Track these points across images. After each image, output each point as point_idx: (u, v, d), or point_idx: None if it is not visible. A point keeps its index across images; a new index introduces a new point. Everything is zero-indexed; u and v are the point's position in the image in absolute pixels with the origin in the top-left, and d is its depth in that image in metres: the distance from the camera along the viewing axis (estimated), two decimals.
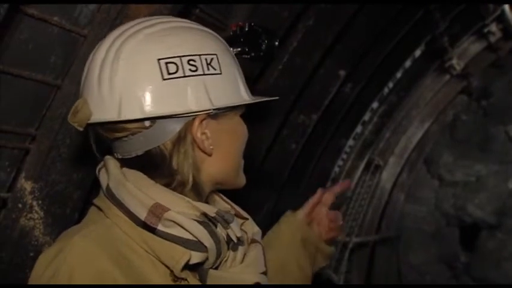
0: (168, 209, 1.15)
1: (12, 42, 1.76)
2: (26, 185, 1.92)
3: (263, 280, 1.27)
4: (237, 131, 1.29)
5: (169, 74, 1.15)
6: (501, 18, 5.02)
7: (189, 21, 1.30)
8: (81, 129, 1.19)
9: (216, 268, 1.21)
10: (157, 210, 1.14)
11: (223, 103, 1.21)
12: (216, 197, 1.37)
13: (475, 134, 6.14)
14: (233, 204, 1.38)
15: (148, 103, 1.14)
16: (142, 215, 1.14)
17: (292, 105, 3.52)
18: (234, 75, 1.26)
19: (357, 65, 3.96)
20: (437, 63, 5.27)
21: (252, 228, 1.37)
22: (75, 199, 2.06)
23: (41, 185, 1.94)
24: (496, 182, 6.00)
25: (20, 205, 1.92)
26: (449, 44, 4.95)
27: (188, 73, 1.16)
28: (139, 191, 1.17)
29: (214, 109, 1.19)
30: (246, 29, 1.83)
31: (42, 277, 1.10)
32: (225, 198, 1.39)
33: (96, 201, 1.25)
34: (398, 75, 4.90)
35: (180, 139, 1.19)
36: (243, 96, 1.27)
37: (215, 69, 1.20)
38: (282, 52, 3.23)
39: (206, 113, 1.19)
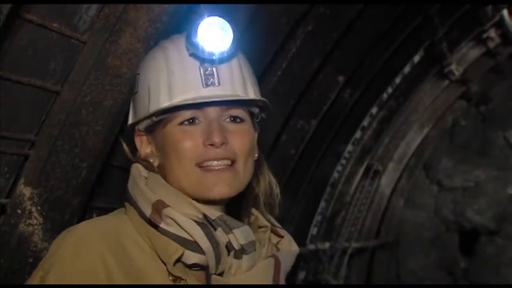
0: (168, 206, 1.20)
1: (11, 48, 1.77)
2: (25, 190, 1.92)
3: None
4: (168, 143, 1.26)
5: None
6: (500, 24, 5.03)
7: (172, 37, 1.35)
8: None
9: (221, 274, 1.22)
10: (158, 206, 1.20)
11: (136, 118, 1.32)
12: (257, 212, 1.36)
13: (474, 140, 6.15)
14: (274, 223, 1.38)
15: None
16: (148, 211, 1.21)
17: (291, 110, 3.53)
18: (149, 91, 1.28)
19: (356, 71, 3.97)
20: (436, 68, 5.28)
21: (289, 246, 1.36)
22: (74, 205, 2.06)
23: (40, 191, 1.94)
24: (495, 188, 6.00)
25: (19, 211, 1.92)
26: (448, 49, 4.96)
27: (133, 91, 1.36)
28: (148, 190, 1.24)
29: (131, 124, 1.33)
30: None
31: (47, 255, 1.20)
32: (267, 215, 1.38)
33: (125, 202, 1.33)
34: (398, 80, 4.90)
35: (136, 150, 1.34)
36: (149, 110, 1.27)
37: (135, 88, 1.33)
38: (281, 58, 3.23)
39: (138, 128, 1.31)
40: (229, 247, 1.21)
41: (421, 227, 6.31)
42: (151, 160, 1.30)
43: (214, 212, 1.22)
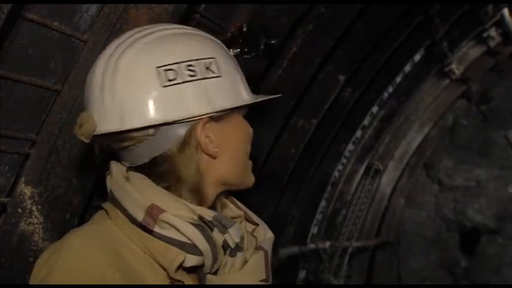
0: (164, 211, 1.16)
1: (12, 47, 1.77)
2: (25, 189, 1.92)
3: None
4: (239, 132, 1.29)
5: (169, 80, 1.17)
6: (500, 23, 5.04)
7: (186, 27, 1.31)
8: (87, 141, 1.21)
9: (215, 273, 1.22)
10: (153, 212, 1.16)
11: (224, 105, 1.22)
12: (227, 201, 1.36)
13: (474, 139, 6.15)
14: (246, 210, 1.38)
15: (150, 111, 1.16)
16: (140, 216, 1.16)
17: (292, 110, 3.53)
18: (234, 76, 1.26)
19: (356, 70, 3.97)
20: (437, 67, 5.28)
21: (264, 234, 1.36)
22: (74, 204, 2.06)
23: (40, 190, 1.94)
24: (496, 187, 5.99)
25: (19, 210, 1.92)
26: (448, 48, 4.96)
27: (187, 78, 1.18)
28: (137, 193, 1.18)
29: (215, 112, 1.21)
30: (244, 30, 1.83)
31: (37, 277, 1.12)
32: (238, 203, 1.38)
33: (104, 204, 1.27)
34: (398, 79, 4.90)
35: (184, 144, 1.21)
36: (244, 97, 1.27)
37: (214, 73, 1.22)
38: (281, 57, 3.23)
39: (209, 116, 1.21)
40: (225, 246, 1.21)
41: (422, 226, 6.31)
42: (216, 150, 1.24)
43: (208, 213, 1.20)
